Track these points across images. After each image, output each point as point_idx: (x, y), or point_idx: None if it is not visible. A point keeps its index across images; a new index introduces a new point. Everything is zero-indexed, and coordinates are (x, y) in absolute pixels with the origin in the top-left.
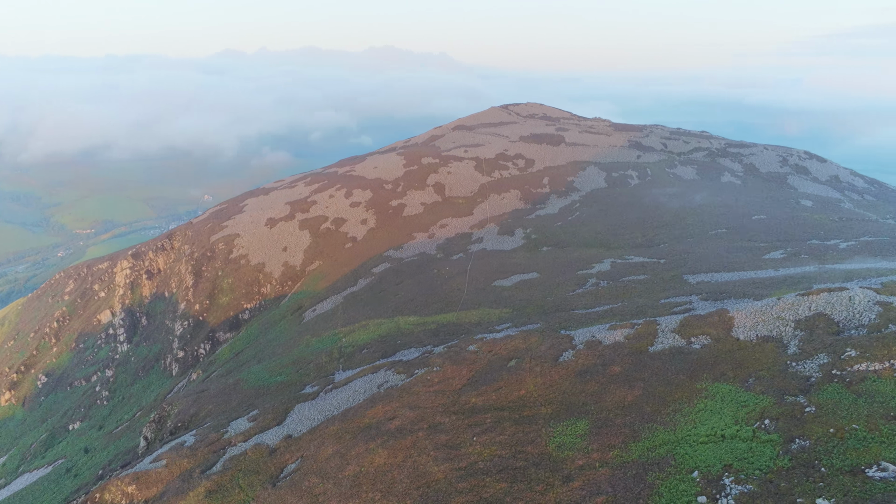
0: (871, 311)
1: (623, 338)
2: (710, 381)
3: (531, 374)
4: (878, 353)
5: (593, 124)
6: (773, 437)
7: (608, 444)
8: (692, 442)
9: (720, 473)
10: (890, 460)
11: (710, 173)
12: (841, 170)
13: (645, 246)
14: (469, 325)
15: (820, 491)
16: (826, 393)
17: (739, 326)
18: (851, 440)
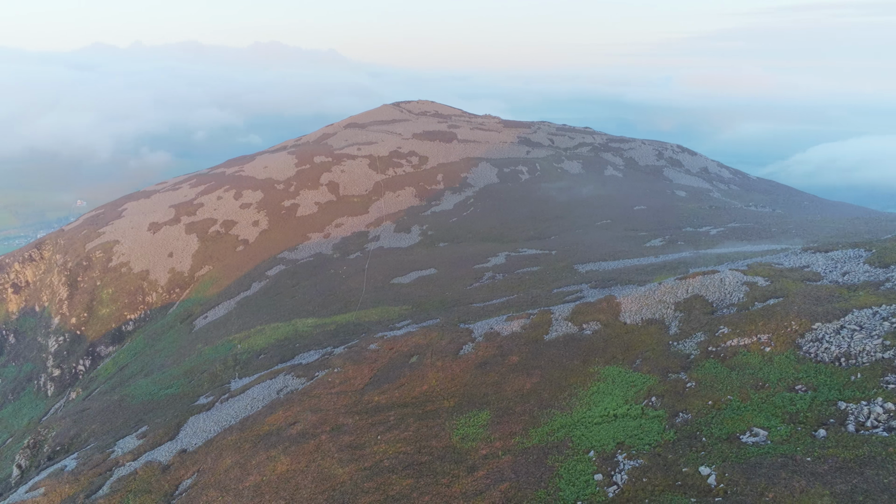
0: (740, 291)
1: (520, 328)
2: (601, 365)
3: (433, 369)
4: (747, 328)
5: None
6: (660, 413)
7: (510, 431)
8: (588, 423)
9: (614, 451)
10: (760, 426)
11: (594, 167)
12: (709, 162)
13: (537, 238)
14: (369, 323)
15: (702, 459)
16: (704, 368)
17: (626, 311)
18: (727, 410)
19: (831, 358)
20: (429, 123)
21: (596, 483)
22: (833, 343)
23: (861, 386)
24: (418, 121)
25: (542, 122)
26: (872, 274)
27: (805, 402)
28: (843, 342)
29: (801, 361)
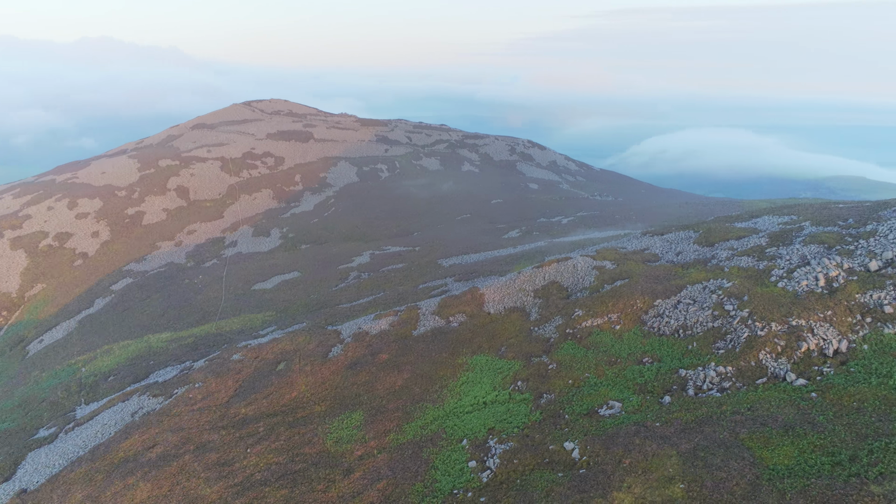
0: (591, 275)
1: (388, 325)
2: (469, 355)
3: (302, 375)
4: (598, 309)
5: (340, 120)
6: (526, 396)
7: (384, 429)
8: (459, 413)
9: (485, 437)
10: (615, 399)
11: (452, 163)
12: (558, 156)
13: (401, 235)
14: (231, 333)
15: (566, 435)
16: (563, 350)
17: (490, 301)
18: (586, 387)
19: (671, 331)
20: (283, 123)
21: (470, 470)
22: (672, 317)
23: (697, 353)
24: (272, 120)
25: (399, 120)
26: (700, 252)
27: (652, 373)
28: (681, 315)
29: (647, 336)
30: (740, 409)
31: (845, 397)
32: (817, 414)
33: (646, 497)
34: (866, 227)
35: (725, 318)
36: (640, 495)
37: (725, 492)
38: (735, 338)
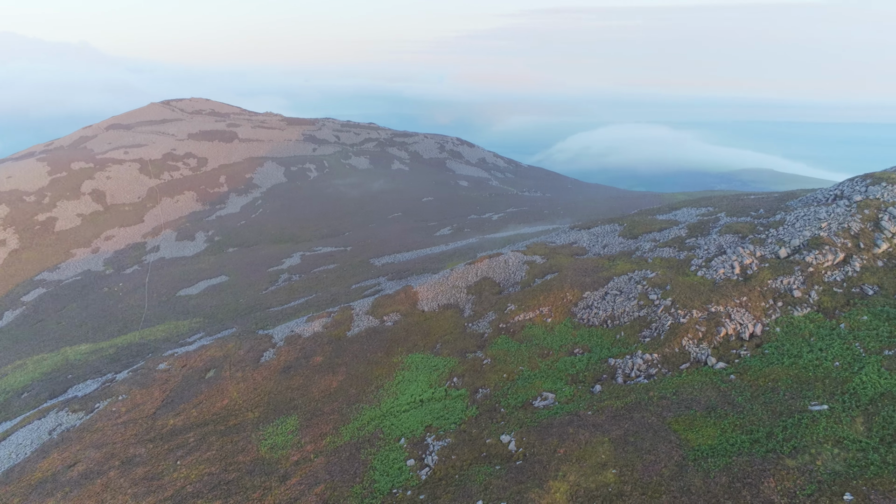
0: (522, 270)
1: (322, 327)
2: (404, 354)
3: (233, 381)
4: (530, 303)
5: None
6: (462, 392)
7: (320, 433)
8: (396, 412)
9: (423, 435)
10: (549, 390)
11: (381, 162)
12: (486, 153)
13: (331, 236)
14: (156, 342)
15: (502, 429)
16: (497, 345)
17: (423, 299)
18: (520, 380)
19: (600, 321)
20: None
21: (409, 468)
22: (601, 308)
23: (625, 342)
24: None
25: (326, 119)
26: (626, 245)
27: (583, 363)
28: (609, 306)
29: (577, 327)
30: (666, 394)
31: (761, 378)
32: (736, 395)
33: (580, 484)
34: (775, 217)
35: (650, 308)
36: (575, 483)
37: (655, 474)
38: (660, 326)
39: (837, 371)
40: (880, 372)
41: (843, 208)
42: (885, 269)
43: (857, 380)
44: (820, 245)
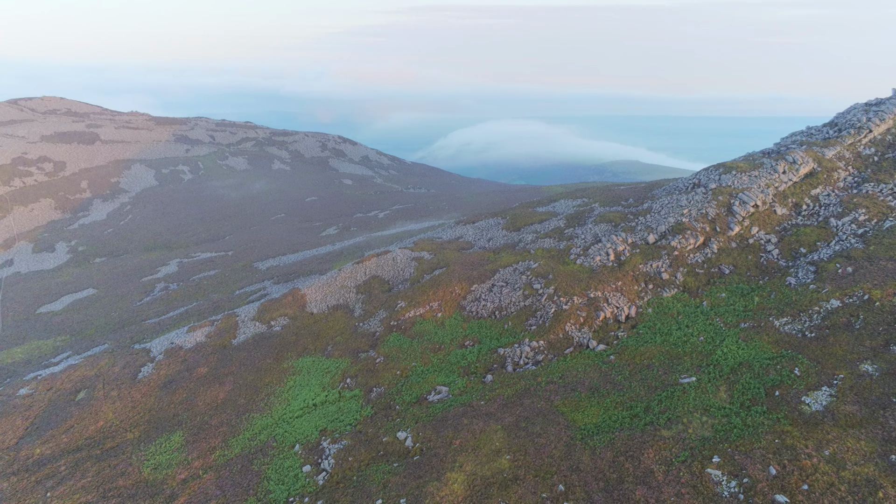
0: (410, 267)
1: (205, 337)
2: (295, 358)
3: (108, 401)
4: (420, 299)
5: (131, 119)
6: (356, 393)
7: (208, 447)
8: (289, 419)
9: (318, 439)
10: (442, 383)
11: (261, 162)
12: (370, 151)
13: (211, 240)
14: (15, 365)
15: (398, 426)
16: (389, 343)
17: (312, 301)
18: (414, 376)
19: (488, 313)
20: (61, 123)
21: (305, 475)
22: (488, 300)
23: (513, 332)
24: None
25: (199, 118)
26: (509, 237)
27: (474, 355)
28: (496, 298)
29: (467, 320)
30: (553, 378)
31: (637, 356)
32: (616, 374)
33: (477, 473)
34: (643, 206)
35: (535, 297)
36: (472, 472)
37: (546, 456)
38: (544, 314)
39: (702, 345)
40: (738, 343)
41: (700, 195)
42: (738, 250)
43: (719, 352)
44: (683, 230)
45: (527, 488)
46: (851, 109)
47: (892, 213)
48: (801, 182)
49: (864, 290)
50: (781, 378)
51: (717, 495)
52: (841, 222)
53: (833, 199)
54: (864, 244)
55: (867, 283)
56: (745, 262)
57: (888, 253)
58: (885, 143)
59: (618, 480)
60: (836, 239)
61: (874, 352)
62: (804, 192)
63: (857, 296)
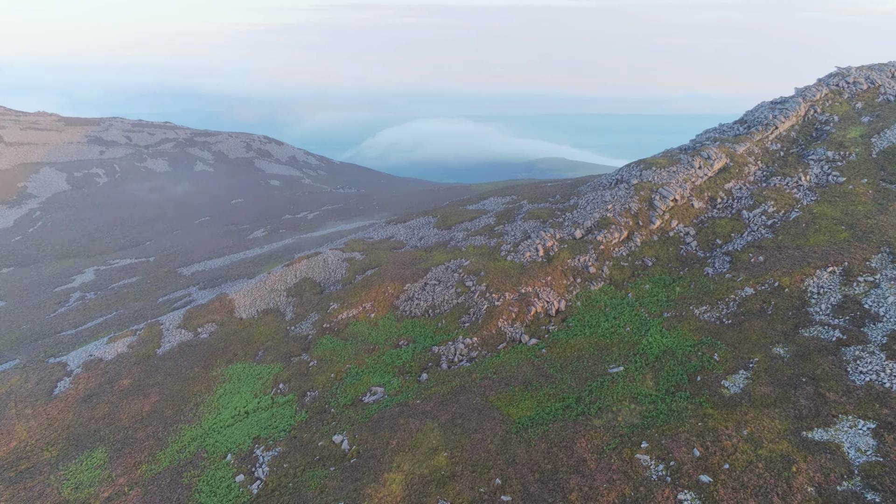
0: (342, 268)
1: (126, 348)
2: (224, 366)
3: (21, 420)
4: (353, 300)
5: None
6: (290, 398)
7: (134, 462)
8: (220, 428)
9: (251, 447)
10: (377, 384)
11: (182, 163)
12: (297, 151)
13: (130, 246)
14: None
15: (334, 429)
16: (322, 345)
17: (241, 306)
18: (348, 378)
19: (422, 311)
20: None
21: (239, 485)
22: (422, 299)
23: (446, 330)
24: None
25: (114, 119)
26: (441, 236)
27: (409, 354)
28: (429, 296)
29: (400, 320)
30: (488, 374)
31: (568, 349)
32: (548, 367)
33: (414, 472)
34: (570, 202)
35: (467, 294)
36: (410, 471)
37: (482, 451)
38: (477, 310)
39: (629, 335)
40: (662, 332)
41: (623, 191)
42: (659, 243)
43: (644, 341)
44: (608, 225)
45: (464, 484)
46: (759, 107)
47: (798, 204)
48: (715, 177)
49: (775, 278)
50: (702, 364)
51: (647, 479)
52: (752, 214)
53: (745, 193)
54: (774, 234)
55: (777, 271)
56: (666, 254)
57: (795, 242)
58: (790, 139)
59: (552, 471)
60: (749, 230)
61: (785, 335)
62: (718, 186)
63: (769, 283)
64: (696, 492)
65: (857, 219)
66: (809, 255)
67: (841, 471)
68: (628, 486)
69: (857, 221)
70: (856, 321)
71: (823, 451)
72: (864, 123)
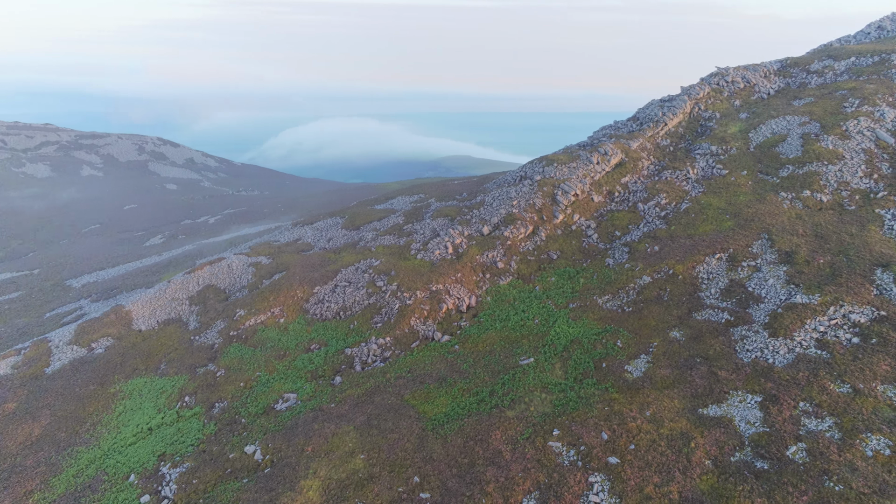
0: (248, 273)
1: (10, 368)
2: (124, 381)
3: None
4: (261, 306)
5: None
6: (197, 410)
7: (24, 491)
8: (121, 448)
9: (156, 466)
10: (290, 391)
11: (67, 168)
12: (194, 152)
13: (10, 258)
14: None
15: (246, 440)
16: (230, 354)
17: (139, 318)
18: (259, 386)
19: (333, 314)
20: None
21: None
22: (332, 301)
23: (359, 331)
24: None
25: None
26: (349, 236)
27: (321, 358)
28: (339, 298)
29: (311, 323)
30: (402, 373)
31: (480, 344)
32: (461, 363)
33: (332, 477)
34: (477, 199)
35: (379, 294)
36: (327, 476)
37: (399, 450)
38: (389, 310)
39: (537, 327)
40: (569, 322)
41: (527, 187)
42: (563, 237)
43: (552, 332)
44: (514, 221)
45: (383, 485)
46: (650, 105)
47: (687, 196)
48: (612, 171)
49: (669, 266)
50: (607, 351)
51: (559, 465)
52: (647, 206)
53: (639, 186)
54: (667, 225)
55: (671, 260)
56: (570, 248)
57: (686, 231)
58: (678, 135)
59: (469, 465)
60: (644, 222)
61: (680, 320)
62: (615, 181)
63: (664, 271)
64: (606, 473)
65: (739, 208)
66: (699, 243)
67: (734, 443)
68: (542, 474)
69: (739, 211)
70: (741, 303)
71: (718, 426)
72: (742, 120)
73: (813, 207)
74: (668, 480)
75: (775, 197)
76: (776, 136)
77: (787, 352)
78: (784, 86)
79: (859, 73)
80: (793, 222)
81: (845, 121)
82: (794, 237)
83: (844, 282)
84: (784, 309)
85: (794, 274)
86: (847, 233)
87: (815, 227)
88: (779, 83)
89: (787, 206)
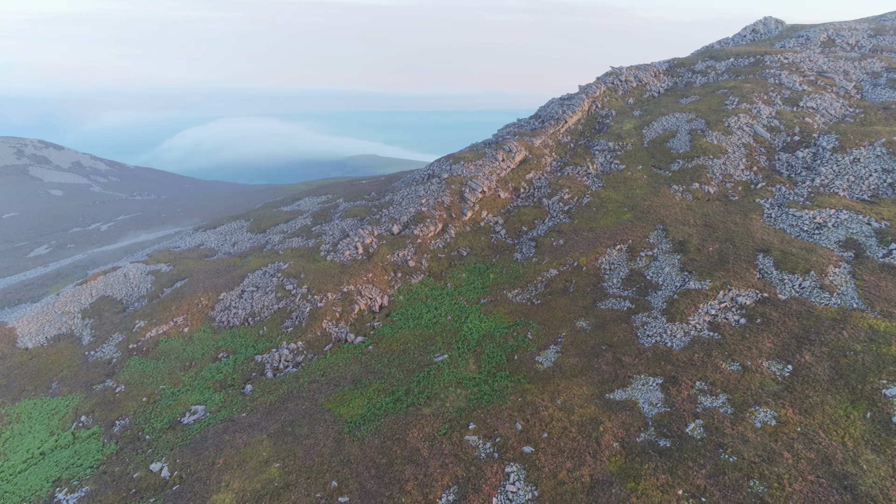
0: (147, 282)
1: None
2: (9, 404)
3: None
4: (162, 316)
5: None
6: (95, 430)
7: None
8: (9, 476)
9: (52, 492)
10: (197, 402)
11: None
12: (81, 155)
13: None
14: None
15: (151, 457)
16: (130, 368)
17: (25, 334)
18: (163, 400)
19: (241, 320)
20: None
21: None
22: (239, 307)
23: (269, 337)
24: None
25: None
26: (255, 240)
27: (230, 367)
28: (247, 304)
29: (218, 331)
30: (316, 377)
31: (394, 343)
32: (376, 363)
33: (246, 488)
34: (386, 198)
35: (288, 298)
36: (240, 488)
37: (316, 455)
38: (300, 314)
39: (450, 324)
40: (480, 318)
41: (435, 185)
42: (472, 233)
43: (465, 328)
44: (423, 219)
45: (300, 492)
46: (550, 103)
47: (588, 190)
48: (517, 168)
49: (574, 258)
50: (518, 343)
51: (476, 458)
52: (551, 202)
53: (543, 182)
54: (570, 219)
55: (575, 252)
56: (479, 244)
57: (588, 225)
58: (577, 132)
59: (387, 465)
60: (549, 216)
61: (586, 310)
62: (521, 177)
63: (569, 264)
64: (521, 463)
65: (636, 201)
66: (601, 235)
67: (639, 424)
68: (460, 468)
69: (636, 203)
70: (641, 291)
71: (624, 409)
72: (636, 117)
73: (702, 199)
74: (580, 465)
75: (668, 190)
76: (667, 132)
77: (684, 335)
78: (672, 84)
79: (738, 72)
80: (684, 213)
81: (727, 118)
82: (686, 227)
83: (731, 267)
84: (679, 295)
85: (686, 262)
86: (732, 222)
87: (704, 217)
88: (668, 82)
89: (678, 199)
